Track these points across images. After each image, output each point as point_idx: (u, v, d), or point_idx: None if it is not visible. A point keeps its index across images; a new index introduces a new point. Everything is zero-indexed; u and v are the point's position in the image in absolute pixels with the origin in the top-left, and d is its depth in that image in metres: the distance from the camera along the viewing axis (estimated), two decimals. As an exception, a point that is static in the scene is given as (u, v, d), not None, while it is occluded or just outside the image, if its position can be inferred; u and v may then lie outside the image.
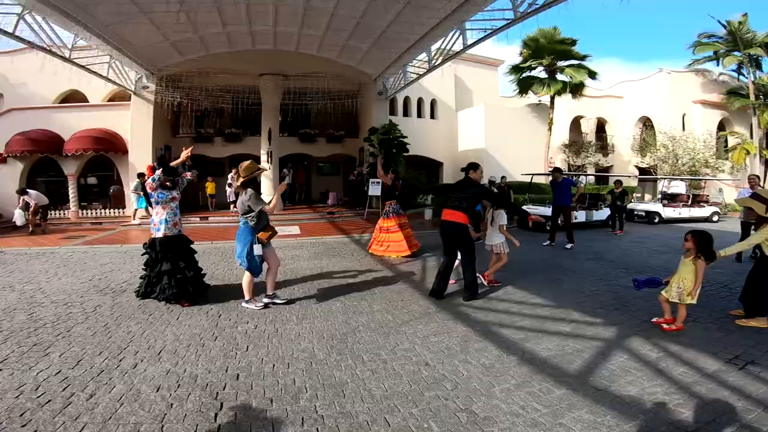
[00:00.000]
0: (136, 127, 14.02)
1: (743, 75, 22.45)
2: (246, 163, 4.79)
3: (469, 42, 10.43)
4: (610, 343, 3.78)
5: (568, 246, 8.94)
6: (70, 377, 3.17)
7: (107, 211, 15.02)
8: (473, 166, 5.34)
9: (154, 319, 4.53)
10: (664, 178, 17.19)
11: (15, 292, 5.60)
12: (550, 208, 9.88)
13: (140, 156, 13.59)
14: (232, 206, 14.98)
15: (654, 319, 4.30)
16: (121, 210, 14.96)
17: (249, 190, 4.67)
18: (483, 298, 5.22)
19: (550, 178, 10.61)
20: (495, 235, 5.86)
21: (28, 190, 11.77)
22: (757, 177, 8.34)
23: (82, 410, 2.72)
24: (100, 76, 12.35)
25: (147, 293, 5.10)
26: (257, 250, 4.63)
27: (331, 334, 4.07)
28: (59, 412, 2.68)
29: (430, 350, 3.66)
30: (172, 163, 5.10)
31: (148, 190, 5.00)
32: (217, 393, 2.98)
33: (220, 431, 2.55)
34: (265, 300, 4.94)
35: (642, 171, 22.68)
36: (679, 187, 16.29)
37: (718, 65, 22.74)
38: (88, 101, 16.41)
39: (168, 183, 5.02)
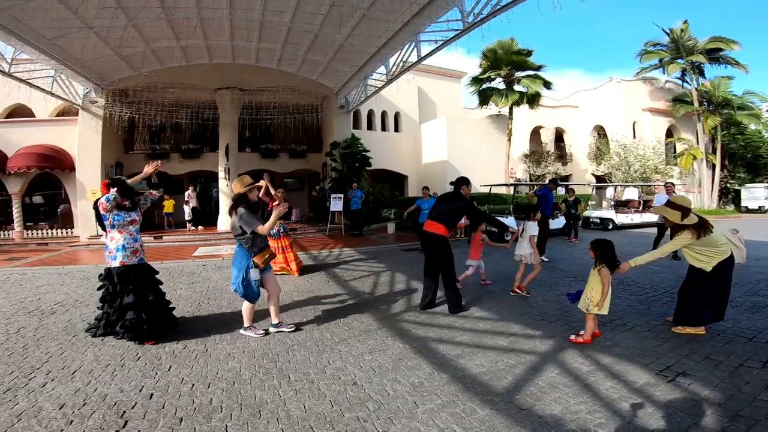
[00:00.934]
0: (83, 144, 13.42)
1: (687, 82, 23.46)
2: (238, 179, 4.46)
3: (423, 54, 10.62)
4: (545, 357, 3.73)
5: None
6: (-27, 395, 3.08)
7: (54, 231, 14.29)
8: (465, 181, 5.32)
9: (78, 340, 4.32)
10: (615, 185, 17.78)
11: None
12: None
13: (88, 173, 13.02)
14: (189, 225, 14.57)
15: (572, 337, 4.14)
16: (69, 230, 14.27)
17: (240, 209, 4.24)
18: (426, 314, 5.14)
19: (534, 189, 10.30)
20: (525, 245, 5.85)
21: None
22: (673, 184, 8.45)
23: (-24, 425, 2.66)
24: (43, 90, 11.76)
25: (106, 333, 4.38)
26: (254, 274, 4.23)
27: (263, 353, 3.92)
28: (-47, 426, 2.62)
29: (362, 369, 3.56)
30: (131, 180, 4.50)
31: (101, 212, 4.26)
32: (124, 412, 2.89)
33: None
34: (272, 329, 4.50)
35: (598, 179, 23.42)
36: (631, 194, 16.91)
37: (663, 73, 23.62)
38: (34, 116, 15.68)
39: (126, 203, 4.38)
